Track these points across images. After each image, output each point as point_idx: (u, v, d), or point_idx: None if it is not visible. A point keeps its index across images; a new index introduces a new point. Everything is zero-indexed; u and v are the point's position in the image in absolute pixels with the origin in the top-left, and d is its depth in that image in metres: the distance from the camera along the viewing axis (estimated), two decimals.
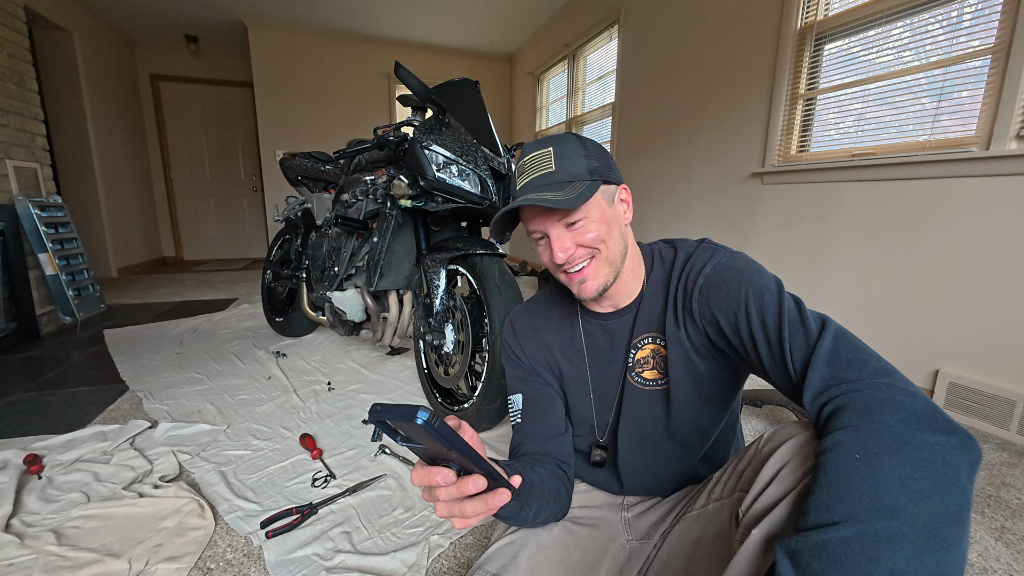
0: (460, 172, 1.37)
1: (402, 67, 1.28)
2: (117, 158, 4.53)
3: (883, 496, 0.33)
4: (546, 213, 0.61)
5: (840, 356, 0.45)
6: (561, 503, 0.68)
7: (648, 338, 0.67)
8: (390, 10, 4.21)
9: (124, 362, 2.04)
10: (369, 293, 1.71)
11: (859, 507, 0.33)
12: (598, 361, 0.72)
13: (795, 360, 0.49)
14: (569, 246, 0.61)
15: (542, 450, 0.71)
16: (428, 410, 0.36)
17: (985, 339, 1.52)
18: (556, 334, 0.75)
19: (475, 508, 0.44)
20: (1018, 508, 1.10)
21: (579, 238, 0.61)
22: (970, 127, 1.56)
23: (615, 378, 0.71)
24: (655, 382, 0.67)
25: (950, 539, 0.32)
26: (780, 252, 2.22)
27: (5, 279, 2.27)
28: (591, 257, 0.62)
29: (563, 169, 0.61)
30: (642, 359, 0.67)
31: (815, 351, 0.46)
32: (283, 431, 1.43)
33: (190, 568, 0.88)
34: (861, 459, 0.35)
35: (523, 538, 0.69)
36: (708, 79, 2.60)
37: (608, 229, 0.62)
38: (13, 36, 2.52)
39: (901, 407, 0.38)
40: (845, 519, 0.33)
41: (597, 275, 0.63)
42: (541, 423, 0.72)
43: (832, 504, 0.34)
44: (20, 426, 1.46)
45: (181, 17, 4.38)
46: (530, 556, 0.66)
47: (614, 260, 0.63)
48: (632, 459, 0.71)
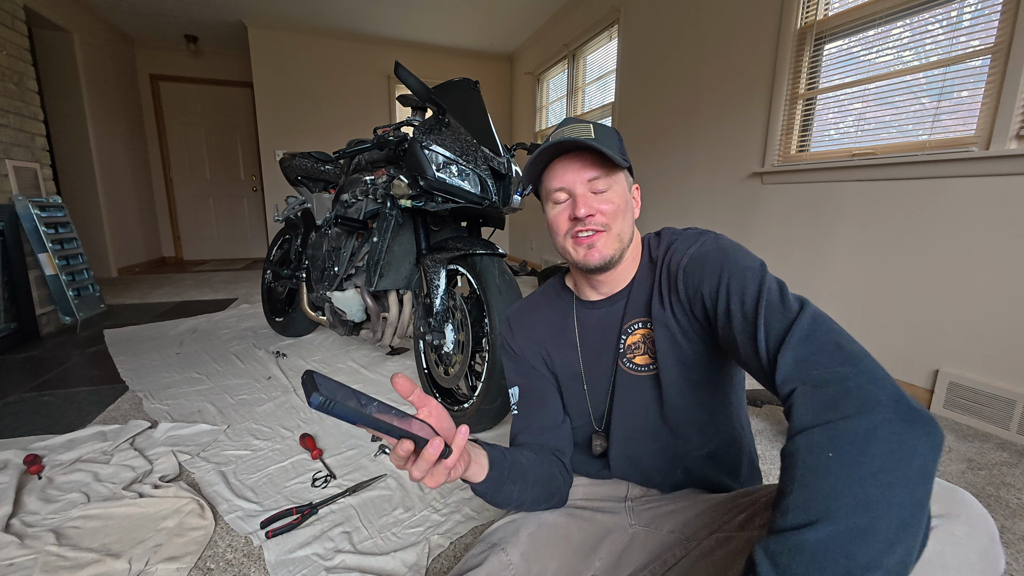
0: (460, 172, 1.37)
1: (402, 67, 1.27)
2: (117, 158, 4.53)
3: (857, 493, 0.35)
4: (578, 170, 0.64)
5: (815, 338, 0.46)
6: (555, 486, 0.71)
7: (638, 323, 0.69)
8: (390, 10, 4.21)
9: (124, 362, 2.04)
10: (369, 293, 1.71)
11: (835, 505, 0.35)
12: (590, 352, 0.73)
13: (769, 338, 0.49)
14: (592, 206, 0.64)
15: (537, 439, 0.74)
16: (320, 395, 0.37)
17: (985, 339, 1.52)
18: (549, 328, 0.77)
19: (419, 468, 0.48)
20: (1018, 508, 1.10)
21: (601, 204, 0.64)
22: (970, 127, 1.56)
23: (607, 367, 0.72)
24: (646, 367, 0.68)
25: (917, 525, 0.34)
26: (780, 252, 2.22)
27: (5, 279, 2.27)
28: (603, 229, 0.65)
29: (602, 141, 0.63)
30: (633, 344, 0.69)
31: (791, 330, 0.47)
32: (283, 431, 1.43)
33: (190, 568, 0.88)
34: (834, 457, 0.37)
35: (525, 517, 0.71)
36: (708, 79, 2.60)
37: (624, 211, 0.66)
38: (13, 36, 2.51)
39: (869, 398, 0.39)
40: (822, 518, 0.35)
41: (606, 246, 0.65)
42: (536, 414, 0.75)
43: (809, 504, 0.36)
44: (20, 426, 1.46)
45: (181, 17, 4.38)
46: (531, 532, 0.69)
47: (623, 240, 0.67)
48: (627, 446, 0.72)
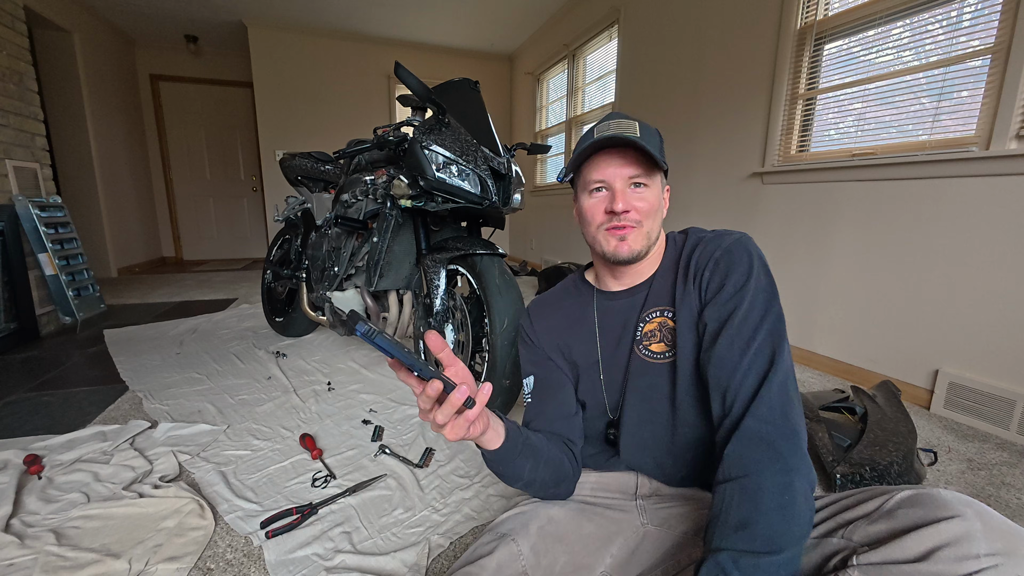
0: (460, 172, 1.37)
1: (402, 67, 1.27)
2: (117, 158, 4.53)
3: (800, 529, 0.51)
4: (620, 166, 0.66)
5: (770, 399, 0.56)
6: (564, 473, 0.72)
7: (656, 311, 0.71)
8: (390, 10, 4.21)
9: (124, 362, 2.04)
10: (369, 293, 1.71)
11: (790, 538, 0.50)
12: (609, 341, 0.75)
13: (735, 400, 0.58)
14: (630, 202, 0.67)
15: (549, 427, 0.75)
16: (366, 324, 0.43)
17: (985, 339, 1.52)
18: (567, 319, 0.80)
19: (443, 412, 0.50)
20: (1018, 508, 1.10)
21: (637, 201, 0.67)
22: (970, 127, 1.56)
23: (624, 356, 0.74)
24: (662, 355, 0.70)
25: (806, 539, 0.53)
26: (780, 252, 2.22)
27: (5, 279, 2.27)
28: (635, 226, 0.68)
29: (646, 139, 0.66)
30: (649, 332, 0.71)
31: (761, 388, 0.57)
32: (283, 431, 1.43)
33: (190, 568, 0.88)
34: (787, 500, 0.51)
35: (534, 509, 0.71)
36: (708, 79, 2.60)
37: (657, 210, 0.69)
38: (13, 36, 2.51)
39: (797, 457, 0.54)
40: (784, 548, 0.49)
41: (636, 241, 0.68)
42: (550, 403, 0.77)
43: (775, 537, 0.50)
44: (20, 426, 1.46)
45: (181, 17, 4.38)
46: (541, 526, 0.68)
47: (651, 238, 0.70)
48: (640, 431, 0.73)
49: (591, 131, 0.70)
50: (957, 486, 1.19)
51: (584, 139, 0.70)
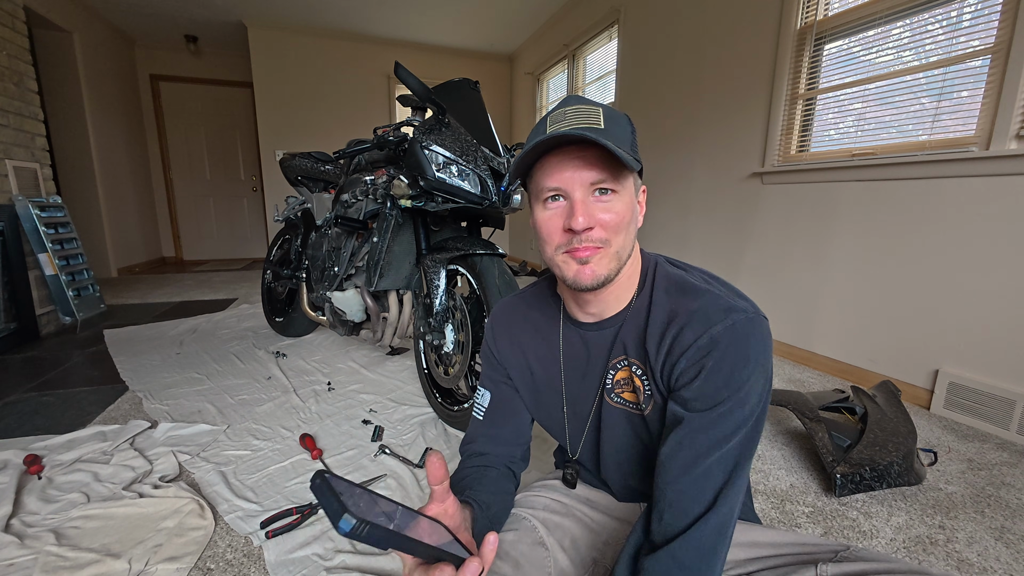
0: (460, 172, 1.37)
1: (402, 67, 1.27)
2: (117, 158, 4.53)
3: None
4: (579, 168, 0.52)
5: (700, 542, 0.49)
6: (508, 503, 0.69)
7: (625, 360, 0.61)
8: (390, 10, 4.21)
9: (124, 362, 2.04)
10: (369, 293, 1.71)
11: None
12: (574, 372, 0.67)
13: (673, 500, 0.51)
14: (593, 216, 0.53)
15: (496, 452, 0.70)
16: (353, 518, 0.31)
17: (985, 339, 1.52)
18: (533, 337, 0.71)
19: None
20: (1018, 508, 1.10)
21: (603, 213, 0.53)
22: (970, 127, 1.56)
23: (590, 394, 0.66)
24: (634, 405, 0.62)
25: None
26: (780, 252, 2.22)
27: (5, 279, 2.27)
28: (601, 246, 0.55)
29: (612, 132, 0.52)
30: (622, 380, 0.62)
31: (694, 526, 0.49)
32: (283, 431, 1.43)
33: (190, 568, 0.88)
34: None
35: (535, 496, 0.74)
36: (708, 79, 2.60)
37: (628, 221, 0.55)
38: (13, 36, 2.52)
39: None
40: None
41: (600, 265, 0.55)
42: (503, 428, 0.72)
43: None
44: (20, 426, 1.46)
45: (181, 17, 4.38)
46: (545, 504, 0.72)
47: (621, 258, 0.56)
48: (619, 476, 0.69)
49: (544, 121, 0.55)
50: (957, 486, 1.19)
51: (535, 132, 0.56)
